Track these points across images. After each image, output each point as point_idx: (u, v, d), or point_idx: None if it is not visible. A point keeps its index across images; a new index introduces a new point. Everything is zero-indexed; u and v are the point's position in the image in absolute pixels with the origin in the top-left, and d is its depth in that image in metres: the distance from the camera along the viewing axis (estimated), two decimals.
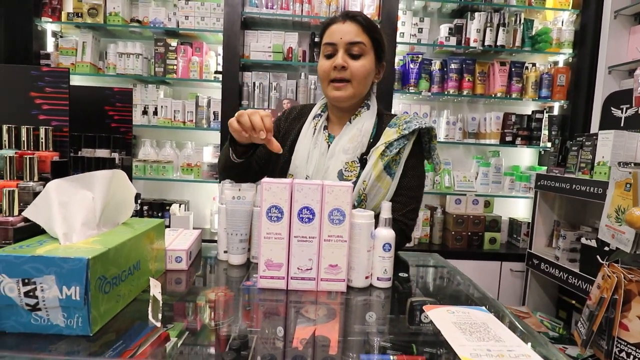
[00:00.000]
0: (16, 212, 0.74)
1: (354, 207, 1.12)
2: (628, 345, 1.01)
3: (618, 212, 1.13)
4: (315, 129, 1.25)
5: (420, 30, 2.83)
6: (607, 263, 1.14)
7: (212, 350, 0.62)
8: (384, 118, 1.26)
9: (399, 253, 1.20)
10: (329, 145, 1.23)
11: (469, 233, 2.76)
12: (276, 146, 1.00)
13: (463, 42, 2.80)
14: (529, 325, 0.76)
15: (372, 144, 1.20)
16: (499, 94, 2.80)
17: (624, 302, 1.03)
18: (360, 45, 1.15)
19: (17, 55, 2.59)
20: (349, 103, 1.21)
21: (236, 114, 1.01)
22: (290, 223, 0.85)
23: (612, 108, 2.11)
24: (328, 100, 1.27)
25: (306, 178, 1.20)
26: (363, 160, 1.18)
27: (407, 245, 1.23)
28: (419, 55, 2.78)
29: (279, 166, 1.28)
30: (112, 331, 0.63)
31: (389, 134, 1.18)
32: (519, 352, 0.60)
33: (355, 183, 1.15)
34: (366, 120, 1.22)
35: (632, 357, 1.00)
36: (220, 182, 1.06)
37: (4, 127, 0.90)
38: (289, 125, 1.33)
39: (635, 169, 1.08)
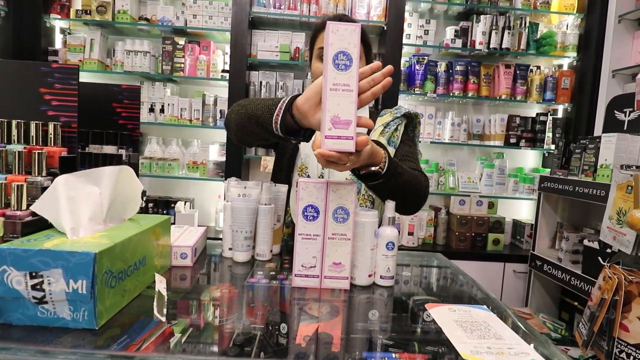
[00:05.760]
0: (24, 207, 0.75)
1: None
2: (628, 346, 1.01)
3: (619, 214, 1.13)
4: None
5: (426, 32, 2.83)
6: (609, 264, 1.14)
7: (216, 346, 0.62)
8: (372, 115, 1.38)
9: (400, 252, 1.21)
10: None
11: (473, 234, 2.76)
12: None
13: (468, 44, 2.80)
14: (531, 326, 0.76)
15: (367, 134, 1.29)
16: (503, 96, 2.79)
17: (624, 303, 1.03)
18: None
19: (24, 52, 2.61)
20: None
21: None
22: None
23: (616, 111, 2.10)
24: None
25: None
26: None
27: (411, 244, 1.24)
28: (425, 57, 2.78)
29: (287, 153, 1.33)
30: (117, 325, 0.64)
31: (383, 119, 1.31)
32: (518, 350, 0.60)
33: None
34: (361, 113, 1.30)
35: (632, 357, 1.00)
36: (225, 180, 1.07)
37: (14, 123, 0.91)
38: None
39: (637, 171, 1.08)
